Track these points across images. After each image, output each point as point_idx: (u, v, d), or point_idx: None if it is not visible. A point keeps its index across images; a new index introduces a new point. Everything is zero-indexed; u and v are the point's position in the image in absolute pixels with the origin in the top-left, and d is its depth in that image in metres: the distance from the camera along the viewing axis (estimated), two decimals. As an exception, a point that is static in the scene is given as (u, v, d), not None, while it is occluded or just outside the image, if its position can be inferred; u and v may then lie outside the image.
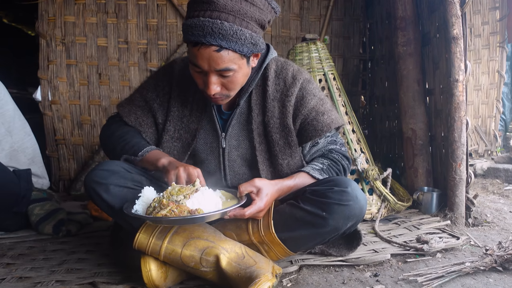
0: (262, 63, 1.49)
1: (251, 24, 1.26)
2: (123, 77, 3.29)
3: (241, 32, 1.23)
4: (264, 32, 1.35)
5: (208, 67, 1.26)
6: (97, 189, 1.37)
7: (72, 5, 3.18)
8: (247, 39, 1.25)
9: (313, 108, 1.49)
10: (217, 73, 1.29)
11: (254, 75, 1.48)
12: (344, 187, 1.38)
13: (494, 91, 3.72)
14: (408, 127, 2.50)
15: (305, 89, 1.49)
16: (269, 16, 1.33)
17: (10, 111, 2.24)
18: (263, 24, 1.31)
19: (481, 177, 3.27)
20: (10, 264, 1.65)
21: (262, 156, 1.52)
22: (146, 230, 1.35)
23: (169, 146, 1.54)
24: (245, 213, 1.31)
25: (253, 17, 1.25)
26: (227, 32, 1.20)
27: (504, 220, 2.16)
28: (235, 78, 1.32)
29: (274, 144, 1.50)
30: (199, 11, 1.24)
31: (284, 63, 1.54)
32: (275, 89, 1.50)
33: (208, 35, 1.20)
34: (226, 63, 1.25)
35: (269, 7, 1.32)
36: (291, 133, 1.49)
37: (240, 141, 1.54)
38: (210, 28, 1.20)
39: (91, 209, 2.36)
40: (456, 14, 2.03)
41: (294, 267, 1.53)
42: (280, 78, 1.50)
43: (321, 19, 3.49)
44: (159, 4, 3.29)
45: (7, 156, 2.17)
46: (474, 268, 1.47)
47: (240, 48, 1.25)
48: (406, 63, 2.50)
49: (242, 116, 1.52)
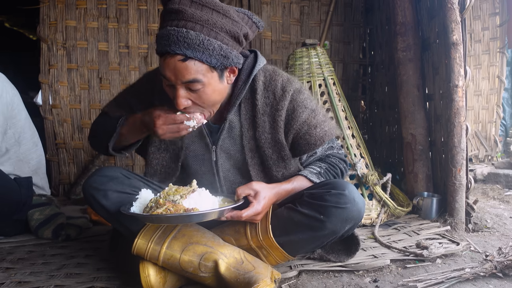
0: (250, 74, 1.42)
1: (220, 35, 1.21)
2: (123, 82, 3.30)
3: (209, 42, 1.19)
4: (241, 47, 1.32)
5: (175, 78, 1.22)
6: (96, 195, 1.37)
7: (74, 10, 3.19)
8: (216, 50, 1.20)
9: (305, 121, 1.45)
10: (184, 86, 1.24)
11: (242, 87, 1.42)
12: (341, 189, 1.37)
13: (494, 97, 3.73)
14: (408, 132, 2.50)
15: (295, 101, 1.43)
16: (246, 29, 1.28)
17: (22, 120, 2.21)
18: (237, 36, 1.25)
19: (481, 183, 3.27)
20: (9, 269, 1.65)
21: (255, 170, 1.51)
22: (145, 235, 1.35)
23: (157, 157, 1.53)
24: (242, 214, 1.30)
25: (224, 28, 1.21)
26: (192, 41, 1.17)
27: (504, 225, 2.15)
28: (205, 93, 1.26)
29: (267, 158, 1.48)
30: (167, 21, 1.22)
31: (272, 73, 1.47)
32: (264, 103, 1.44)
33: (173, 44, 1.17)
34: (193, 75, 1.21)
35: (249, 21, 1.30)
36: (284, 147, 1.47)
37: (231, 155, 1.51)
38: (175, 37, 1.17)
39: (91, 214, 2.36)
40: (455, 20, 2.04)
41: (293, 273, 1.53)
42: (269, 91, 1.44)
43: (321, 24, 3.50)
44: (160, 9, 3.29)
45: (12, 165, 2.15)
46: (474, 274, 1.47)
47: (207, 59, 1.20)
48: (406, 69, 2.50)
49: (233, 130, 1.48)
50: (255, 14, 1.33)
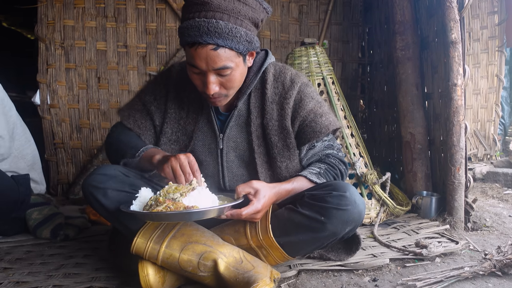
0: (261, 67, 1.51)
1: (245, 22, 1.29)
2: (122, 81, 3.30)
3: (236, 30, 1.26)
4: (258, 31, 1.41)
5: (206, 66, 1.28)
6: (95, 194, 1.36)
7: (72, 9, 3.18)
8: (243, 37, 1.28)
9: (311, 110, 1.51)
10: (215, 72, 1.31)
11: (253, 78, 1.50)
12: (342, 191, 1.37)
13: (493, 95, 3.73)
14: (407, 131, 2.50)
15: (303, 92, 1.52)
16: (262, 15, 1.37)
17: (13, 116, 2.24)
18: (257, 22, 1.34)
19: (480, 181, 3.27)
20: (7, 269, 1.65)
21: (260, 159, 1.53)
22: (144, 234, 1.34)
23: (166, 149, 1.55)
24: (242, 213, 1.31)
25: (247, 16, 1.29)
26: (222, 30, 1.23)
27: (503, 224, 2.16)
28: (233, 76, 1.34)
29: (273, 146, 1.51)
30: (193, 12, 1.27)
31: (282, 67, 1.57)
32: (273, 92, 1.52)
33: (205, 34, 1.23)
34: (224, 61, 1.28)
35: (261, 7, 1.36)
36: (290, 135, 1.50)
37: (238, 143, 1.54)
38: (206, 28, 1.23)
39: (90, 213, 2.36)
40: (454, 19, 2.04)
41: (293, 272, 1.53)
42: (279, 82, 1.53)
43: (320, 24, 3.49)
44: (158, 8, 3.30)
45: (8, 162, 2.16)
46: (473, 273, 1.47)
47: (236, 46, 1.28)
48: (405, 67, 2.50)
49: (240, 118, 1.53)
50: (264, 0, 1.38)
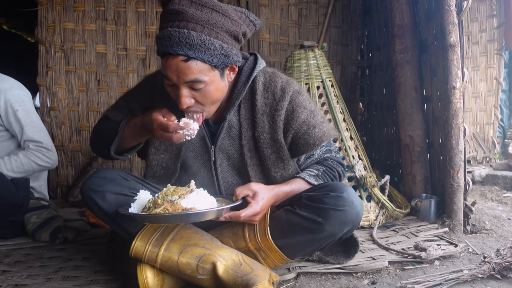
0: (250, 76, 1.45)
1: (221, 35, 1.22)
2: (122, 84, 3.30)
3: (210, 42, 1.20)
4: (240, 45, 1.33)
5: (177, 78, 1.23)
6: (94, 197, 1.36)
7: (72, 12, 3.19)
8: (217, 49, 1.22)
9: (304, 121, 1.46)
10: (187, 85, 1.24)
11: (242, 88, 1.44)
12: (340, 192, 1.38)
13: (492, 98, 3.75)
14: (406, 134, 2.51)
15: (295, 102, 1.45)
16: (245, 28, 1.30)
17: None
18: (236, 35, 1.27)
19: (480, 184, 3.27)
20: (6, 272, 1.64)
21: (254, 170, 1.51)
22: (143, 237, 1.34)
23: (156, 158, 1.53)
24: (241, 215, 1.31)
25: (224, 28, 1.22)
26: (194, 41, 1.18)
27: (503, 227, 2.16)
28: (207, 92, 1.27)
29: (266, 159, 1.48)
30: (168, 22, 1.22)
31: (272, 74, 1.49)
32: (264, 103, 1.46)
33: (175, 45, 1.18)
34: (195, 74, 1.22)
35: (247, 20, 1.31)
36: (283, 147, 1.47)
37: (230, 155, 1.52)
38: (177, 38, 1.18)
39: (89, 216, 2.35)
40: (453, 22, 2.05)
41: (292, 275, 1.52)
42: (269, 91, 1.46)
43: (319, 27, 3.50)
44: (158, 12, 3.30)
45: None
46: (472, 275, 1.47)
47: (209, 59, 1.21)
48: (404, 70, 2.51)
49: (232, 130, 1.49)
50: (251, 13, 1.34)
